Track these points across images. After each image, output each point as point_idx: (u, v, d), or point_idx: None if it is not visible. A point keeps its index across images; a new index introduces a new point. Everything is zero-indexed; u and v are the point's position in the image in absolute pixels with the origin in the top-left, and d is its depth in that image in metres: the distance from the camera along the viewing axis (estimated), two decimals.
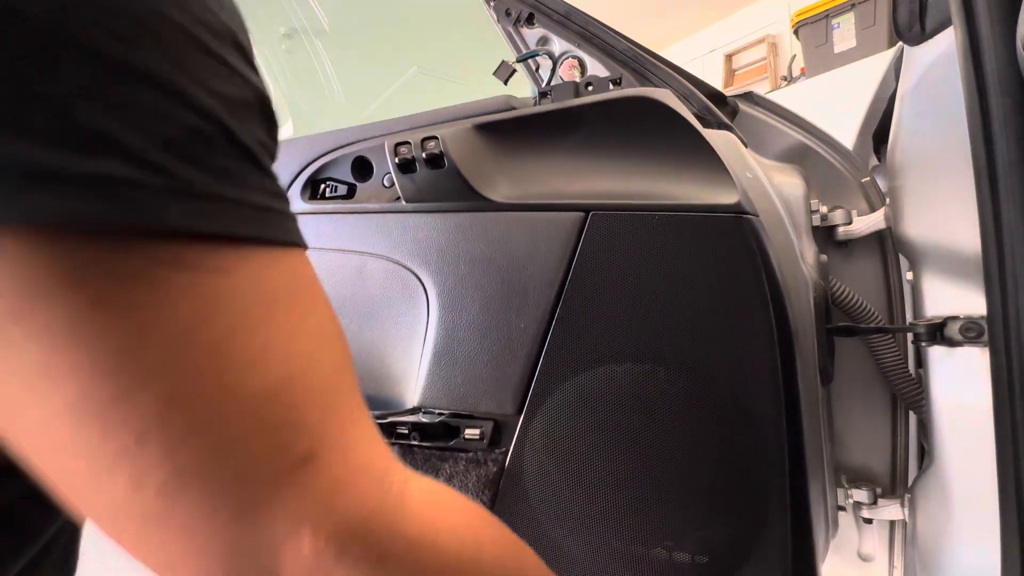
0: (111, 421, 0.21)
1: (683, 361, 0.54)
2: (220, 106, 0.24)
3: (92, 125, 0.20)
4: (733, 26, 4.14)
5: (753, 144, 0.84)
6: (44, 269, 0.20)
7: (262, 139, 0.27)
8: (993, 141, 0.49)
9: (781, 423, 0.52)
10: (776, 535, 0.53)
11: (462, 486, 0.61)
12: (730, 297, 0.53)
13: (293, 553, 0.23)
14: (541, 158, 0.63)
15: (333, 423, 0.26)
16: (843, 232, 0.80)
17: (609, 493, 0.57)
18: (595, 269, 0.57)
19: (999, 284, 0.50)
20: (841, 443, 0.81)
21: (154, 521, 0.22)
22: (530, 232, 0.60)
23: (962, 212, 0.61)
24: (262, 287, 0.25)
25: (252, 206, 0.25)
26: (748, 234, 0.52)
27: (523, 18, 0.91)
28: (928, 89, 0.66)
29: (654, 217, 0.55)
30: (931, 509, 0.69)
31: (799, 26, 2.83)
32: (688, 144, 0.57)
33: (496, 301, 0.61)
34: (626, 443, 0.56)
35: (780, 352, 0.52)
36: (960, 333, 0.62)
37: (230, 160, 0.24)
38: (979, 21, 0.49)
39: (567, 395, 0.58)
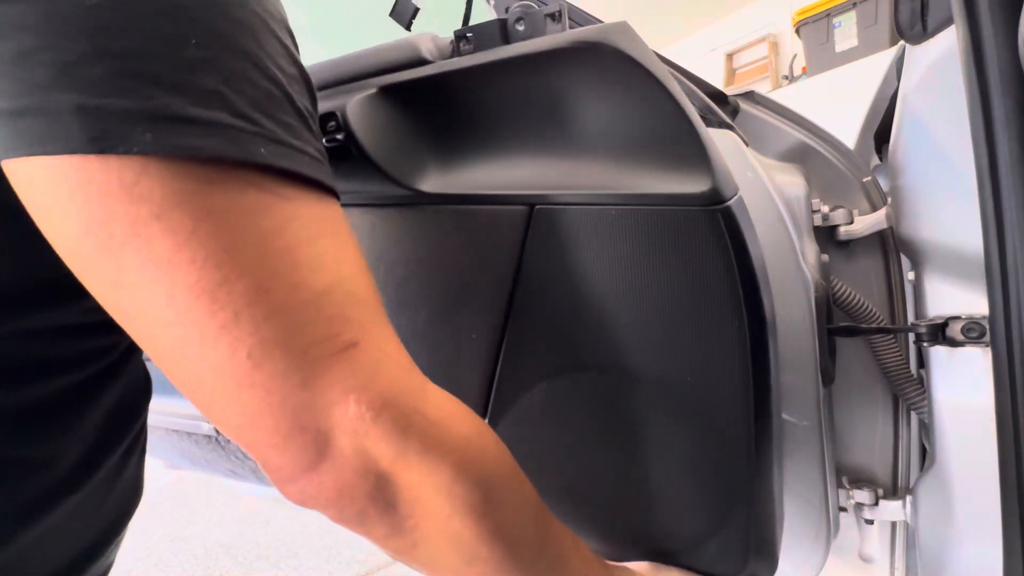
0: (217, 300, 0.27)
1: (649, 371, 0.49)
2: (283, 77, 0.32)
3: (211, 86, 0.28)
4: (734, 25, 4.13)
5: (754, 143, 0.84)
6: (178, 184, 0.27)
7: (308, 108, 0.35)
8: (995, 140, 0.49)
9: (751, 436, 0.50)
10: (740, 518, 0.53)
11: None
12: (701, 301, 0.46)
13: (342, 414, 0.30)
14: (469, 134, 0.52)
15: (371, 322, 0.33)
16: (844, 232, 0.80)
17: (572, 503, 0.57)
18: (545, 272, 0.49)
19: (1001, 284, 0.50)
20: (842, 443, 0.81)
21: (244, 382, 0.28)
22: (469, 230, 0.52)
23: (964, 212, 0.61)
24: (316, 214, 0.32)
25: (309, 155, 0.32)
26: (721, 229, 0.44)
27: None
28: (930, 88, 0.65)
29: (611, 211, 0.46)
30: (933, 510, 0.69)
31: (800, 25, 2.83)
32: (651, 106, 0.44)
33: (443, 309, 0.53)
34: (591, 450, 0.55)
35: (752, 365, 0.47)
36: (962, 333, 0.62)
37: (292, 118, 0.32)
38: (981, 20, 0.49)
39: (531, 405, 0.54)
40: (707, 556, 0.55)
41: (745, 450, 0.51)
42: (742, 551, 0.54)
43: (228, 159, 0.28)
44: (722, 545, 0.54)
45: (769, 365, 0.48)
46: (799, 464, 0.68)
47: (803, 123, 0.87)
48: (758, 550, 0.54)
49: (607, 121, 0.47)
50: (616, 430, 0.54)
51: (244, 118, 0.29)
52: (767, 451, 0.52)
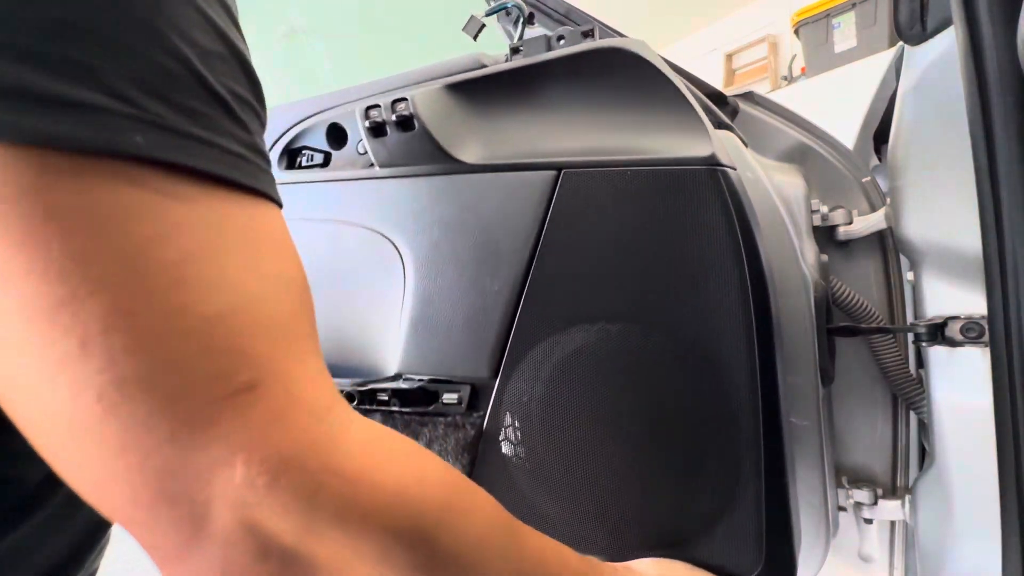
0: (58, 324, 0.22)
1: (657, 318, 0.53)
2: (192, 52, 0.26)
3: (78, 57, 0.22)
4: (733, 26, 4.14)
5: (753, 144, 0.84)
6: (18, 176, 0.21)
7: (239, 93, 0.28)
8: (994, 141, 0.49)
9: (755, 382, 0.52)
10: (750, 495, 0.53)
11: (442, 450, 0.61)
12: (704, 251, 0.52)
13: (224, 480, 0.24)
14: (513, 116, 0.62)
15: (279, 358, 0.26)
16: (844, 232, 0.80)
17: (584, 453, 0.57)
18: (568, 228, 0.56)
19: (1000, 284, 0.50)
20: (842, 443, 0.81)
21: (90, 433, 0.22)
22: (502, 193, 0.59)
23: (963, 212, 0.61)
24: (222, 222, 0.26)
25: (220, 148, 0.26)
26: (722, 185, 0.51)
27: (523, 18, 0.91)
28: (929, 89, 0.65)
29: (627, 172, 0.54)
30: (932, 509, 0.69)
31: (799, 26, 2.83)
32: (662, 96, 0.55)
33: (470, 265, 0.60)
34: (601, 402, 0.56)
35: (754, 307, 0.51)
36: (961, 333, 0.62)
37: (200, 103, 0.26)
38: (980, 20, 0.49)
39: (542, 355, 0.58)
40: (716, 544, 0.54)
41: (751, 410, 0.52)
42: (755, 538, 0.53)
43: (87, 147, 0.22)
44: (732, 530, 0.54)
45: (771, 315, 0.52)
46: (798, 464, 0.68)
47: (802, 123, 0.87)
48: (773, 540, 0.53)
49: (624, 105, 0.57)
50: (620, 387, 0.55)
51: (120, 98, 0.23)
52: (775, 414, 0.53)
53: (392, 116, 0.61)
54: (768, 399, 0.53)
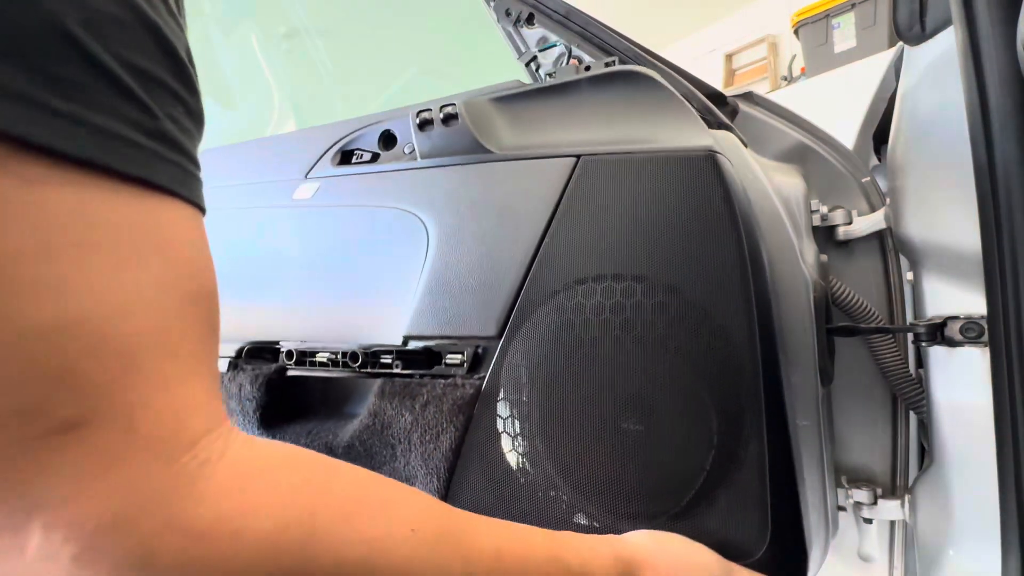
0: None
1: (660, 277, 0.58)
2: (68, 10, 0.21)
3: None
4: (733, 26, 4.14)
5: (753, 144, 0.84)
6: None
7: (143, 67, 0.24)
8: (993, 141, 0.49)
9: (754, 337, 0.55)
10: (752, 454, 0.54)
11: (437, 411, 0.63)
12: (703, 222, 0.57)
13: (15, 551, 0.19)
14: (542, 120, 0.71)
15: (126, 385, 0.21)
16: (843, 232, 0.80)
17: (582, 412, 0.59)
18: (581, 204, 0.62)
19: (999, 284, 0.50)
20: (841, 443, 0.81)
21: None
22: (525, 176, 0.66)
23: (962, 212, 0.61)
24: (83, 213, 0.21)
25: (93, 127, 0.22)
26: (720, 167, 0.57)
27: (523, 18, 0.91)
28: (928, 89, 0.66)
29: (637, 157, 0.60)
30: (931, 509, 0.69)
31: (799, 26, 2.83)
32: (669, 108, 0.63)
33: (490, 235, 0.66)
34: (601, 360, 0.58)
35: (751, 266, 0.56)
36: (960, 333, 0.62)
37: (71, 72, 0.21)
38: (979, 21, 0.49)
39: (548, 313, 0.61)
40: (719, 514, 0.54)
41: (751, 364, 0.54)
42: (759, 508, 0.53)
43: None
44: (735, 497, 0.54)
45: (765, 274, 0.56)
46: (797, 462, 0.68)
47: (802, 124, 0.87)
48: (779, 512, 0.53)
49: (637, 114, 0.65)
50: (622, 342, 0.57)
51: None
52: (774, 368, 0.55)
53: (440, 114, 0.69)
54: (767, 355, 0.55)
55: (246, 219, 0.87)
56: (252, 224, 0.87)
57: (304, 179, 0.83)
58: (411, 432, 0.64)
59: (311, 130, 0.89)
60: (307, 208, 0.81)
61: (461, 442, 0.62)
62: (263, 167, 0.91)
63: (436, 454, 0.63)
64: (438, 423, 0.63)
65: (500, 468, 0.61)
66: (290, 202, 0.82)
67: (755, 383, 0.55)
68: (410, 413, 0.65)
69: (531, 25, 0.91)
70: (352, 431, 0.69)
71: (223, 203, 0.90)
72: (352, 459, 0.67)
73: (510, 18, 0.91)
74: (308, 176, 0.83)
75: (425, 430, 0.64)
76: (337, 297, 0.77)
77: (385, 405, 0.66)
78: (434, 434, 0.63)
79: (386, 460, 0.67)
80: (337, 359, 0.71)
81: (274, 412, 0.75)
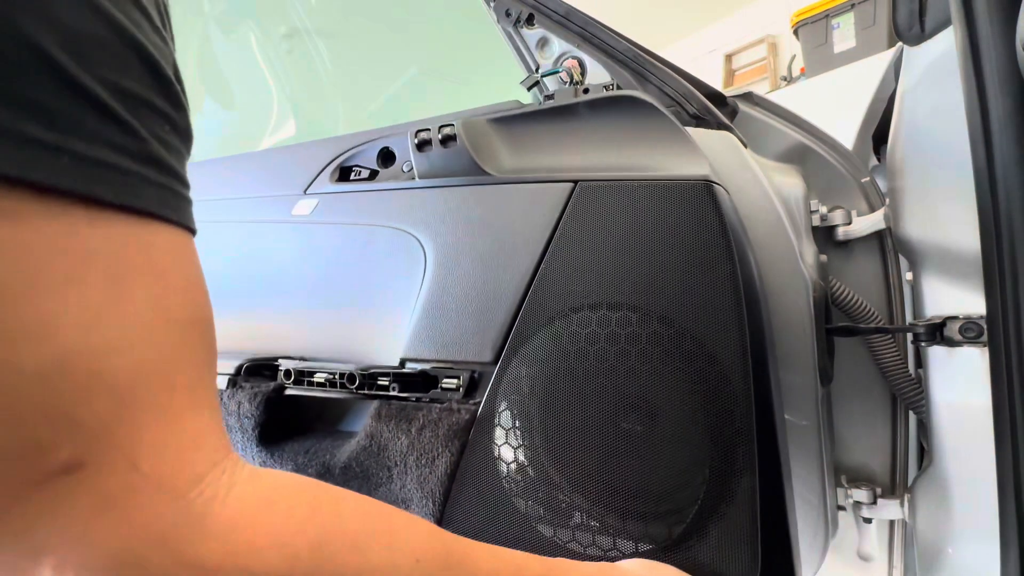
0: None
1: (654, 307, 0.58)
2: (49, 33, 0.20)
3: None
4: (733, 26, 4.14)
5: (753, 144, 0.84)
6: None
7: (128, 88, 0.23)
8: (993, 141, 0.49)
9: (748, 372, 0.55)
10: (744, 487, 0.54)
11: (433, 435, 0.64)
12: (698, 252, 0.57)
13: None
14: (540, 143, 0.71)
15: (126, 423, 0.21)
16: (843, 232, 0.80)
17: (577, 440, 0.59)
18: (578, 230, 0.62)
19: (998, 284, 0.50)
20: (841, 443, 0.81)
21: None
22: (523, 199, 0.66)
23: (962, 212, 0.61)
24: (68, 246, 0.21)
25: (75, 154, 0.21)
26: (716, 197, 0.58)
27: (523, 19, 0.91)
28: (928, 89, 0.66)
29: (634, 185, 0.61)
30: (931, 509, 0.69)
31: (799, 26, 2.83)
32: (667, 134, 0.63)
33: (487, 259, 0.66)
34: (596, 389, 0.59)
35: (746, 301, 0.56)
36: (960, 333, 0.62)
37: (52, 96, 0.20)
38: (979, 21, 0.49)
39: (543, 341, 0.61)
40: (711, 546, 0.55)
41: (744, 399, 0.54)
42: (750, 539, 0.54)
43: None
44: (726, 529, 0.54)
45: (761, 309, 0.57)
46: (797, 463, 0.68)
47: (801, 124, 0.87)
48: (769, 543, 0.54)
49: (634, 139, 0.65)
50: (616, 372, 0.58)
51: None
52: (768, 405, 0.55)
53: (438, 135, 0.70)
54: (761, 390, 0.55)
55: (245, 233, 0.87)
56: (251, 238, 0.87)
57: (303, 195, 0.84)
58: (407, 455, 0.65)
59: (310, 144, 0.88)
60: (306, 224, 0.81)
61: (456, 467, 0.63)
62: (263, 181, 0.91)
63: (432, 478, 0.63)
64: (434, 447, 0.63)
65: (494, 494, 0.62)
66: (289, 217, 0.82)
67: (748, 418, 0.55)
68: (406, 436, 0.65)
69: (531, 25, 0.91)
70: (349, 452, 0.69)
71: (223, 216, 0.90)
72: (349, 480, 0.69)
73: (510, 19, 0.91)
74: (307, 192, 0.84)
75: (421, 454, 0.64)
76: (335, 314, 0.77)
77: (382, 427, 0.67)
78: (430, 458, 0.63)
79: (382, 482, 0.68)
80: (335, 380, 0.71)
81: (272, 430, 0.76)
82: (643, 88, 0.79)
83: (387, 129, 0.83)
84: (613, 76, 0.83)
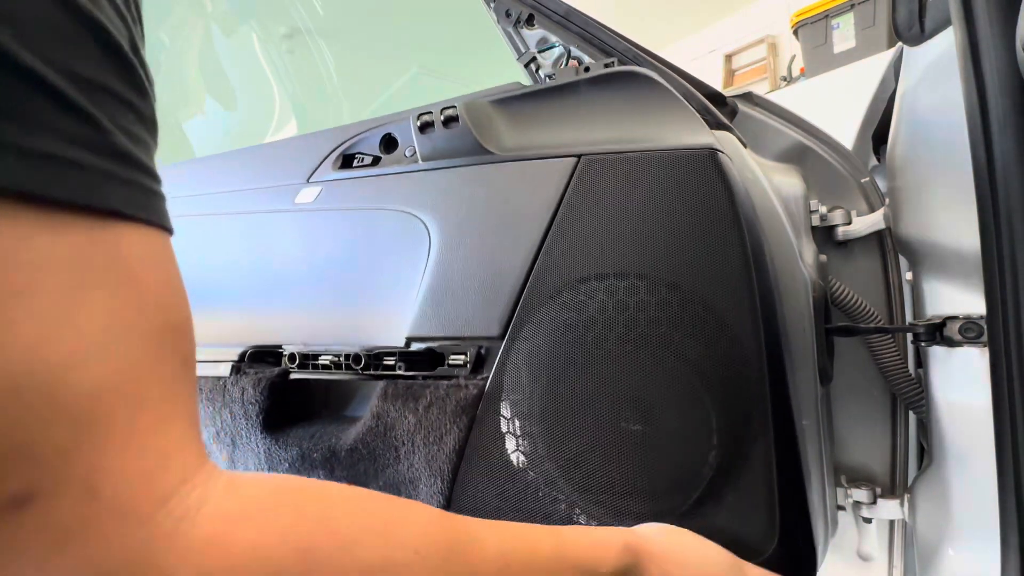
0: None
1: (663, 274, 0.58)
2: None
3: None
4: (733, 26, 4.14)
5: (752, 144, 0.84)
6: None
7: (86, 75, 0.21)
8: (992, 141, 0.49)
9: (759, 333, 0.55)
10: (759, 451, 0.54)
11: (440, 412, 0.64)
12: (705, 219, 0.57)
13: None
14: (543, 121, 0.71)
15: (88, 446, 0.19)
16: (843, 232, 0.80)
17: (588, 411, 0.59)
18: (583, 203, 0.62)
19: (998, 284, 0.50)
20: (841, 443, 0.81)
21: None
22: (527, 176, 0.66)
23: (962, 212, 0.61)
24: (21, 254, 0.19)
25: (25, 151, 0.19)
26: (719, 164, 0.58)
27: (523, 19, 0.91)
28: (927, 89, 0.66)
29: (637, 156, 0.61)
30: (931, 509, 0.69)
31: (799, 26, 2.83)
32: (669, 107, 0.64)
33: (492, 235, 0.66)
34: (606, 357, 0.58)
35: (754, 263, 0.56)
36: (960, 333, 0.62)
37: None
38: (979, 21, 0.49)
39: (551, 312, 0.61)
40: (727, 511, 0.55)
41: (757, 361, 0.54)
42: (767, 504, 0.54)
43: None
44: (742, 493, 0.54)
45: (768, 269, 0.57)
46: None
47: (801, 124, 0.87)
48: (787, 508, 0.54)
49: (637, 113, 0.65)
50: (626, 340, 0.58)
51: None
52: (780, 365, 0.55)
53: (440, 117, 0.69)
54: (772, 350, 0.55)
55: (249, 224, 0.88)
56: (255, 228, 0.87)
57: (306, 183, 0.84)
58: (414, 434, 0.64)
59: (312, 135, 0.89)
60: (309, 212, 0.81)
61: (465, 443, 0.62)
62: (265, 172, 0.91)
63: (440, 455, 0.63)
64: (441, 424, 0.63)
65: (504, 468, 0.61)
66: (292, 206, 0.82)
67: (760, 380, 0.55)
68: (413, 415, 0.65)
69: (531, 26, 0.91)
70: (355, 434, 0.69)
71: (226, 208, 0.91)
72: (355, 461, 0.69)
73: (510, 19, 0.91)
74: (310, 180, 0.84)
75: (429, 431, 0.64)
76: (339, 300, 0.77)
77: (388, 407, 0.66)
78: (437, 435, 0.63)
79: (389, 462, 0.67)
80: (340, 361, 0.71)
81: (277, 415, 0.75)
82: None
83: (389, 117, 0.83)
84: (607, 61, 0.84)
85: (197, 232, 0.93)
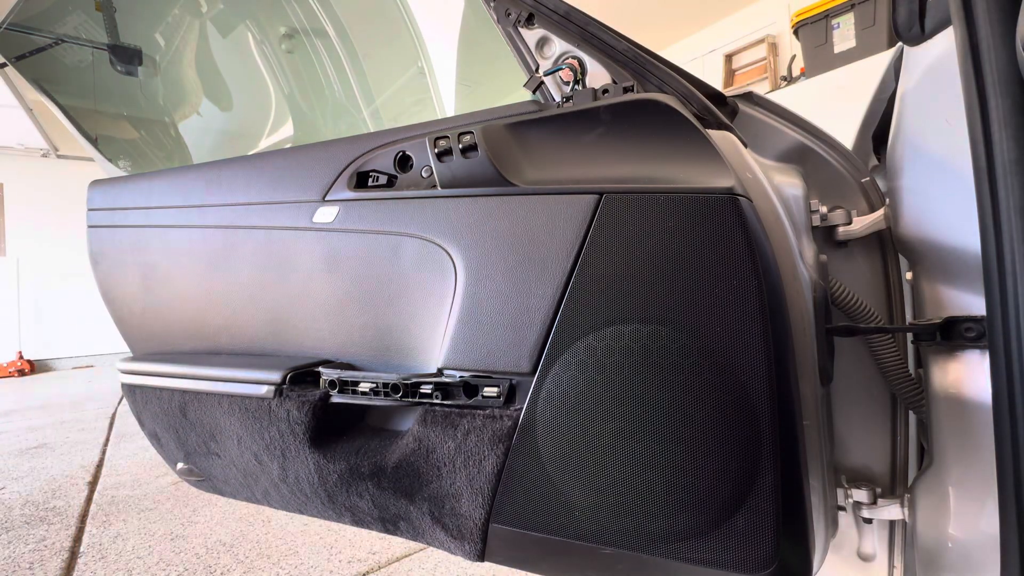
0: None
1: (684, 322, 0.60)
2: None
3: None
4: (733, 26, 4.14)
5: (753, 144, 0.84)
6: None
7: None
8: (992, 141, 0.49)
9: (772, 379, 0.58)
10: (767, 484, 0.58)
11: (479, 439, 0.68)
12: (725, 267, 0.59)
13: None
14: (562, 151, 0.71)
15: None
16: (843, 232, 0.80)
17: (613, 446, 0.63)
18: (606, 242, 0.64)
19: (999, 284, 0.50)
20: (841, 443, 0.81)
21: None
22: (550, 211, 0.67)
23: (962, 212, 0.61)
24: None
25: None
26: (741, 211, 0.58)
27: (523, 19, 0.91)
28: (928, 89, 0.66)
29: (659, 197, 0.62)
30: (931, 509, 0.69)
31: (799, 26, 2.83)
32: (690, 140, 0.63)
33: (517, 271, 0.68)
34: (630, 398, 0.62)
35: (771, 315, 0.58)
36: (960, 333, 0.62)
37: None
38: (979, 21, 0.49)
39: (578, 354, 0.64)
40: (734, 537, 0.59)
41: (769, 406, 0.57)
42: (772, 531, 0.58)
43: None
44: (749, 520, 0.58)
45: (786, 322, 0.58)
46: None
47: (802, 124, 0.87)
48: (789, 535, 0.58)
49: (657, 145, 0.65)
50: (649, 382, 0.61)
51: None
52: (790, 410, 0.58)
53: (458, 144, 0.70)
54: (784, 398, 0.58)
55: (268, 239, 0.89)
56: (274, 244, 0.88)
57: (322, 201, 0.84)
58: (455, 457, 0.70)
59: (320, 146, 0.88)
60: (329, 232, 0.82)
61: (503, 467, 0.67)
62: (280, 185, 0.91)
63: (480, 477, 0.68)
64: (480, 451, 0.68)
65: (540, 490, 0.66)
66: (311, 224, 0.84)
67: (772, 425, 0.58)
68: (452, 441, 0.70)
69: (531, 26, 0.91)
70: (399, 454, 0.74)
71: (239, 221, 0.91)
72: (401, 477, 0.74)
73: (510, 19, 0.91)
74: (326, 199, 0.84)
75: (468, 456, 0.69)
76: (367, 320, 0.80)
77: (428, 432, 0.72)
78: (477, 460, 0.68)
79: (432, 479, 0.73)
80: (379, 388, 0.75)
81: (322, 432, 0.81)
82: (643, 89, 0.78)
83: (400, 131, 0.83)
84: (613, 76, 0.82)
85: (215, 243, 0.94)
